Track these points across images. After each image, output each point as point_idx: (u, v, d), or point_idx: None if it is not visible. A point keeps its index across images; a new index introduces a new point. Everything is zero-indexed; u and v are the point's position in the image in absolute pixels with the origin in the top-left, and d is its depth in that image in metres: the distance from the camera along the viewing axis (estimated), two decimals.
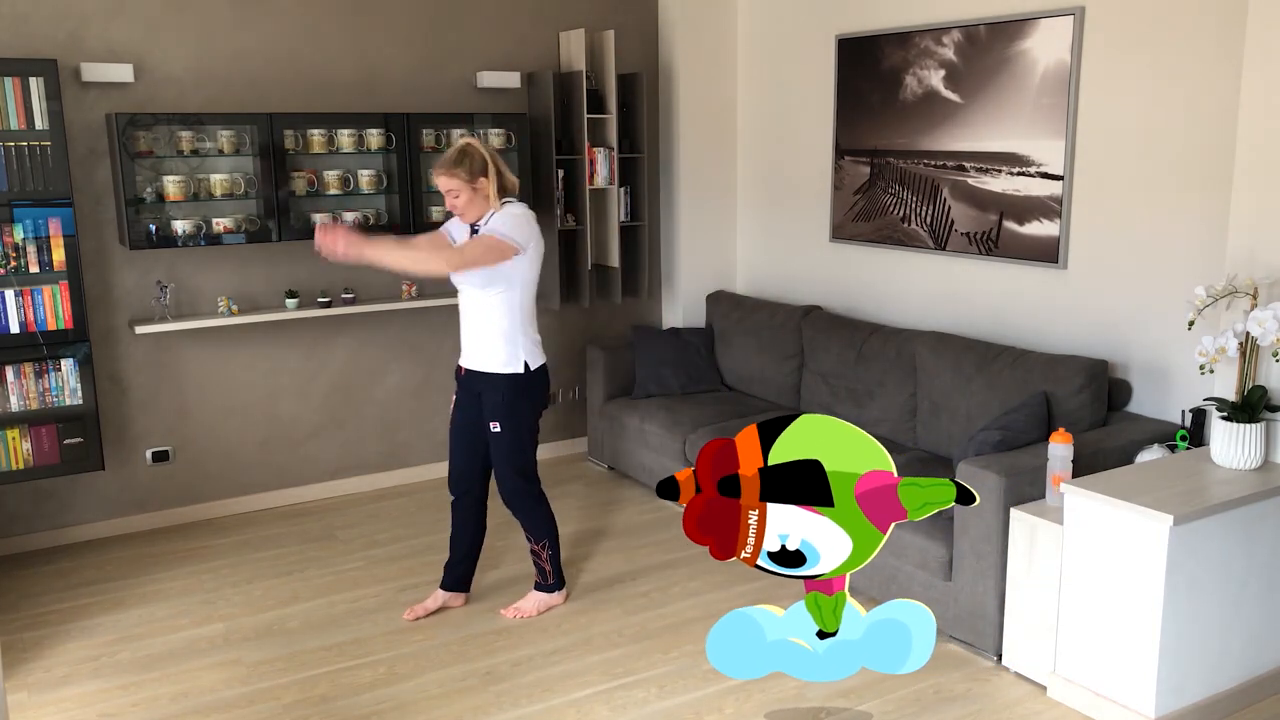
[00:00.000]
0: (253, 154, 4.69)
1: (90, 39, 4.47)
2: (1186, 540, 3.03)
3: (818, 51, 5.27)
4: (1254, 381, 3.32)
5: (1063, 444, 3.39)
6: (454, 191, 3.59)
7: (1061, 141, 4.15)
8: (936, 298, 4.79)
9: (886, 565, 3.84)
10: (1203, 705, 3.20)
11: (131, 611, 4.05)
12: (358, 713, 3.32)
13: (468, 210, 3.61)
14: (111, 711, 3.35)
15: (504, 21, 5.36)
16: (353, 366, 5.24)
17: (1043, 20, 4.16)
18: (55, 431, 4.33)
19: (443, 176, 3.59)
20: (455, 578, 4.02)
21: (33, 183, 4.14)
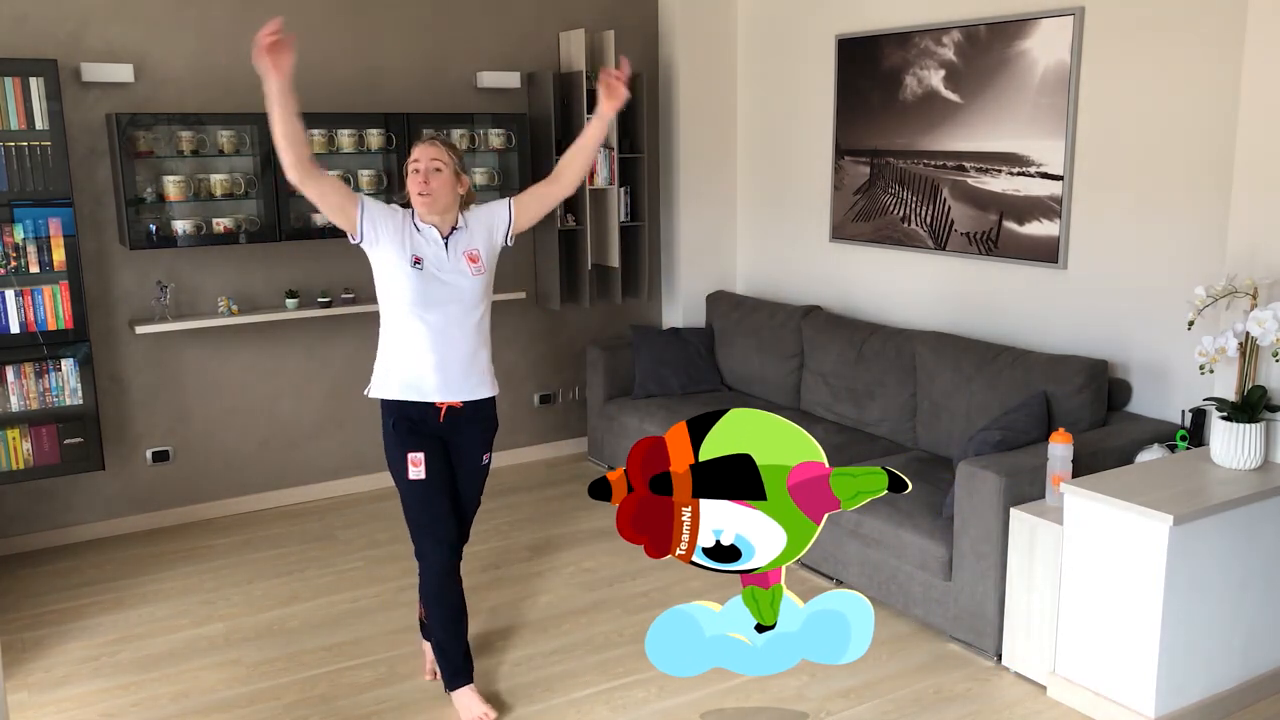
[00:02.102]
0: (253, 154, 4.69)
1: (90, 39, 4.47)
2: (1186, 540, 3.03)
3: (818, 51, 5.27)
4: (1254, 381, 3.32)
5: (1063, 444, 3.39)
6: (438, 164, 3.06)
7: (1061, 141, 4.15)
8: (936, 298, 4.79)
9: (886, 565, 3.84)
10: (1203, 705, 3.20)
11: (131, 611, 4.05)
12: (358, 713, 3.32)
13: (439, 194, 3.06)
14: (111, 711, 3.35)
15: (504, 21, 5.36)
16: (353, 366, 5.24)
17: (1043, 20, 4.16)
18: (55, 431, 4.34)
19: (430, 146, 3.09)
20: (470, 664, 3.34)
21: (33, 183, 4.14)
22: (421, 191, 3.06)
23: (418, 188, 3.06)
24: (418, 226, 3.12)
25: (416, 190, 3.06)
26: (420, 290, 3.07)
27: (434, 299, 3.08)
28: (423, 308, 3.08)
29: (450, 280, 3.10)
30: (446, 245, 3.11)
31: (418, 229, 3.12)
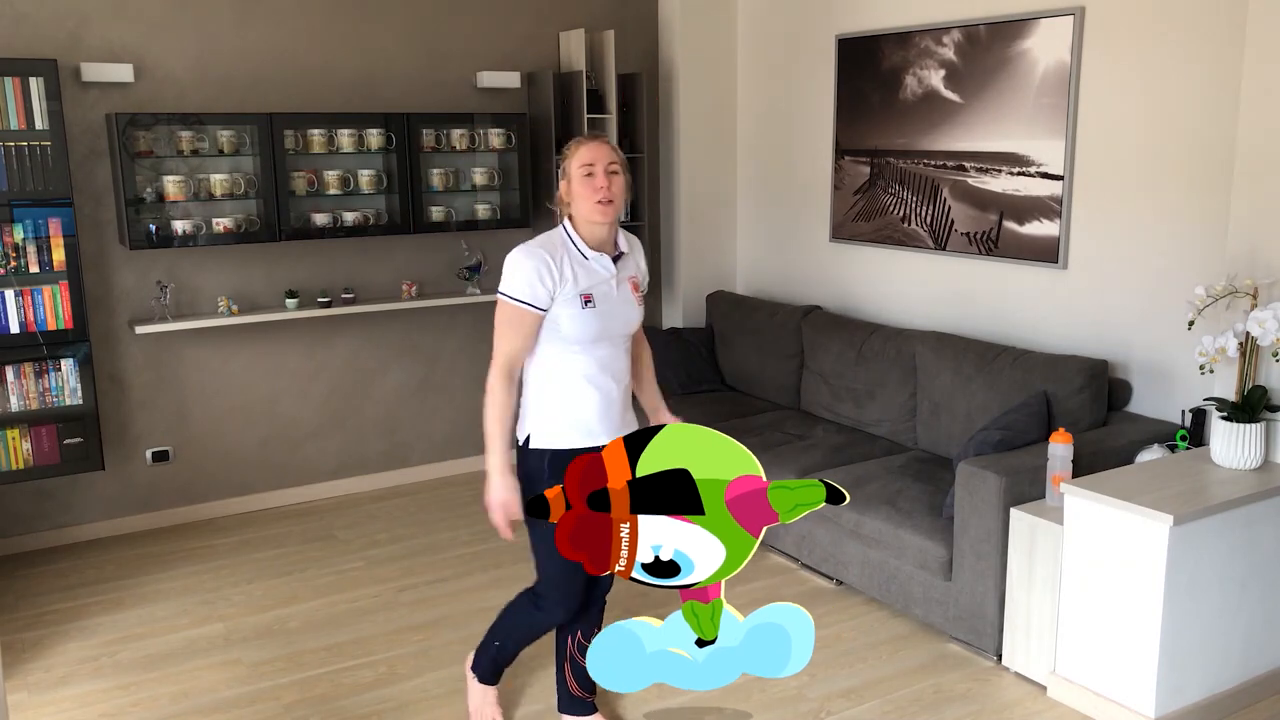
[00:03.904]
0: (253, 154, 4.69)
1: (90, 39, 4.47)
2: (1186, 540, 3.03)
3: (818, 51, 5.27)
4: (1254, 381, 3.32)
5: (1063, 444, 3.39)
6: (615, 166, 2.72)
7: (1061, 141, 4.15)
8: (936, 298, 4.79)
9: (886, 565, 3.84)
10: (1203, 705, 3.20)
11: (131, 611, 4.05)
12: (358, 713, 3.32)
13: (621, 201, 2.74)
14: (111, 711, 3.35)
15: (504, 21, 5.36)
16: (353, 366, 5.24)
17: (1043, 20, 4.16)
18: (55, 431, 4.33)
19: (604, 147, 2.73)
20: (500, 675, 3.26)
21: (33, 183, 4.14)
22: (603, 199, 2.68)
23: (597, 194, 2.68)
24: (584, 254, 2.75)
25: (596, 198, 2.68)
26: (590, 328, 2.74)
27: (604, 333, 2.77)
28: (591, 344, 2.77)
29: (619, 312, 2.80)
30: (617, 273, 2.79)
31: (584, 256, 2.75)
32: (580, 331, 2.74)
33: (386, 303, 5.13)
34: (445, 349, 5.45)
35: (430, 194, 5.08)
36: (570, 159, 2.75)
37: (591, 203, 2.70)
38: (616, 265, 2.79)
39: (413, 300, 5.19)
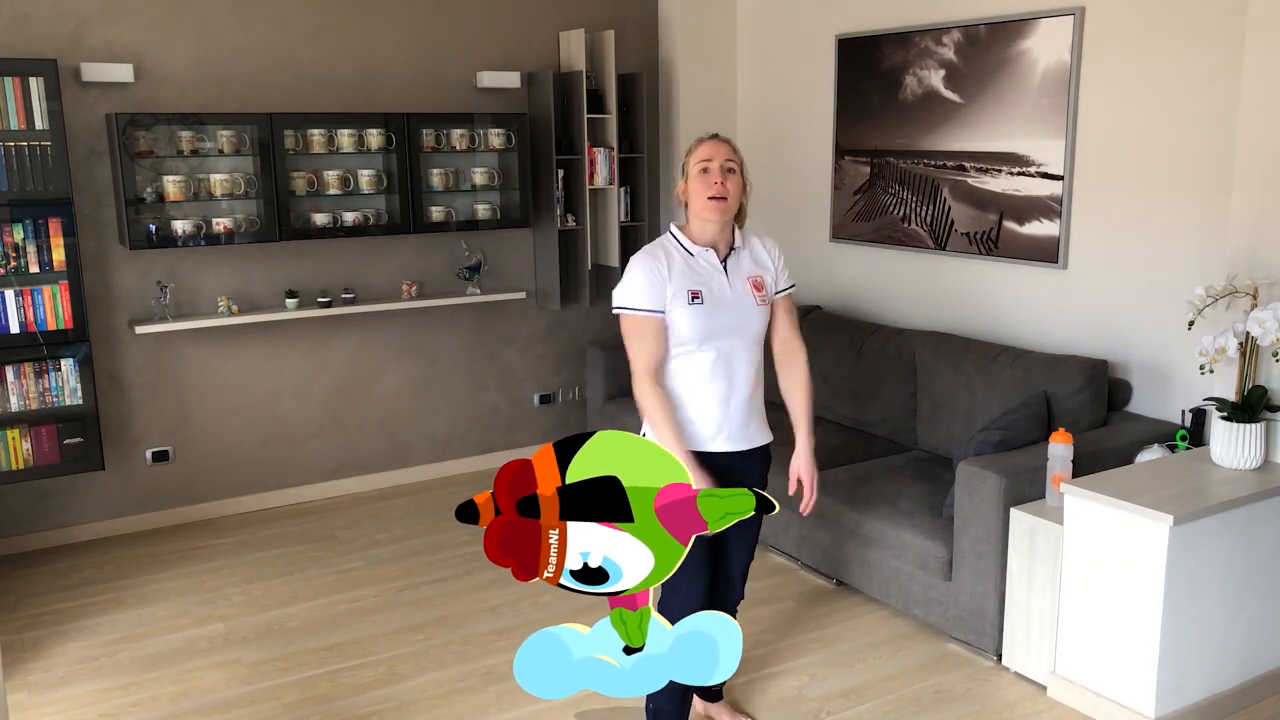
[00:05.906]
0: (253, 154, 4.69)
1: (90, 39, 4.47)
2: (1186, 540, 3.03)
3: (818, 51, 5.27)
4: (1254, 381, 3.32)
5: (1063, 444, 3.39)
6: (732, 164, 2.74)
7: (1061, 141, 4.15)
8: (936, 298, 4.79)
9: (886, 565, 3.84)
10: (1203, 705, 3.20)
11: (131, 611, 4.05)
12: (358, 713, 3.32)
13: (735, 198, 2.75)
14: (111, 711, 3.35)
15: (504, 21, 5.36)
16: (353, 366, 5.24)
17: (1043, 20, 4.16)
18: (55, 431, 4.33)
19: (721, 144, 2.75)
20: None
21: (33, 183, 4.14)
22: (715, 194, 2.70)
23: (710, 189, 2.70)
24: (690, 251, 2.77)
25: (709, 193, 2.70)
26: (699, 325, 2.73)
27: (715, 331, 2.75)
28: (702, 343, 2.75)
29: (731, 310, 2.77)
30: (726, 269, 2.79)
31: (689, 253, 2.78)
32: (690, 329, 2.74)
33: (386, 303, 5.14)
34: (445, 349, 5.45)
35: (430, 194, 5.08)
36: (690, 156, 2.79)
37: (703, 199, 2.73)
38: (726, 262, 2.78)
39: (413, 300, 5.19)
